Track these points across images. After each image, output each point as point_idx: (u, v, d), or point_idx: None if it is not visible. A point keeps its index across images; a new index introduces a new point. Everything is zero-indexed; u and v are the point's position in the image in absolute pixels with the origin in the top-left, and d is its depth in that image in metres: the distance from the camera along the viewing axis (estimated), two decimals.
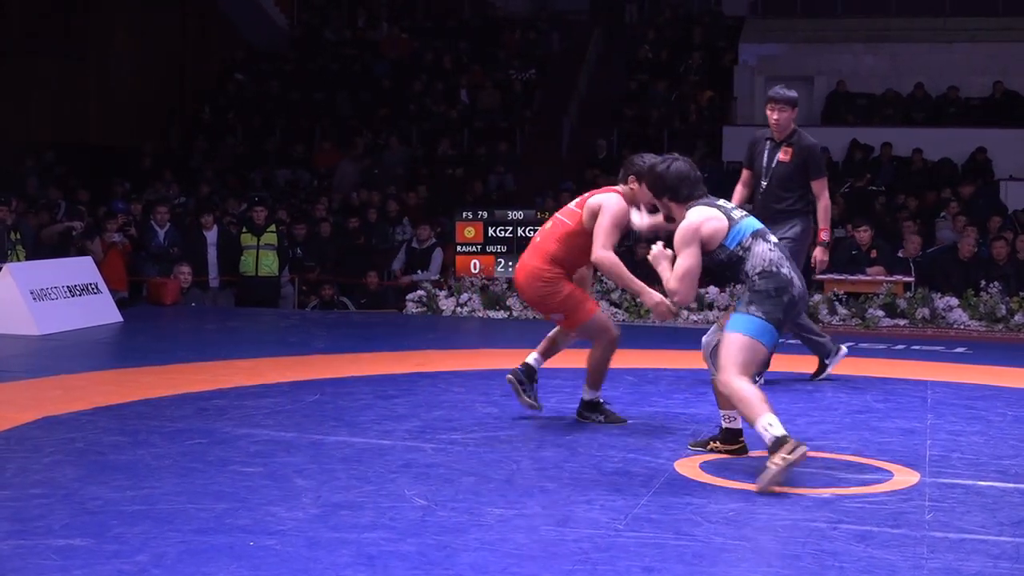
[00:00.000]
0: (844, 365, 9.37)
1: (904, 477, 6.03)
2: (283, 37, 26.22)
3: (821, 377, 9.19)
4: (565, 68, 24.73)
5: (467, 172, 20.98)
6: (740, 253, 6.10)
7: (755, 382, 6.25)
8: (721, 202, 6.30)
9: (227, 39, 25.70)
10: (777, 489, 5.66)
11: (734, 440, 6.51)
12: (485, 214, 14.94)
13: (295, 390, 8.41)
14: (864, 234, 14.36)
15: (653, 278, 6.56)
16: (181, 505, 5.23)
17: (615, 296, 13.69)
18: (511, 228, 14.77)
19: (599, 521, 5.15)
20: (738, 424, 6.46)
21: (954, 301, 13.38)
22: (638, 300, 13.51)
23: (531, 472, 5.98)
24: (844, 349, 9.37)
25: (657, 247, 6.31)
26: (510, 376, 7.40)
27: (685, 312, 13.30)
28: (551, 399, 8.05)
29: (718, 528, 5.08)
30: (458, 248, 14.94)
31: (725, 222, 6.13)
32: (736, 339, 5.98)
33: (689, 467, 6.15)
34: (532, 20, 26.24)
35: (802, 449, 5.68)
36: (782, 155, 8.93)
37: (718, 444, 6.55)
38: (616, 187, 7.21)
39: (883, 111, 22.28)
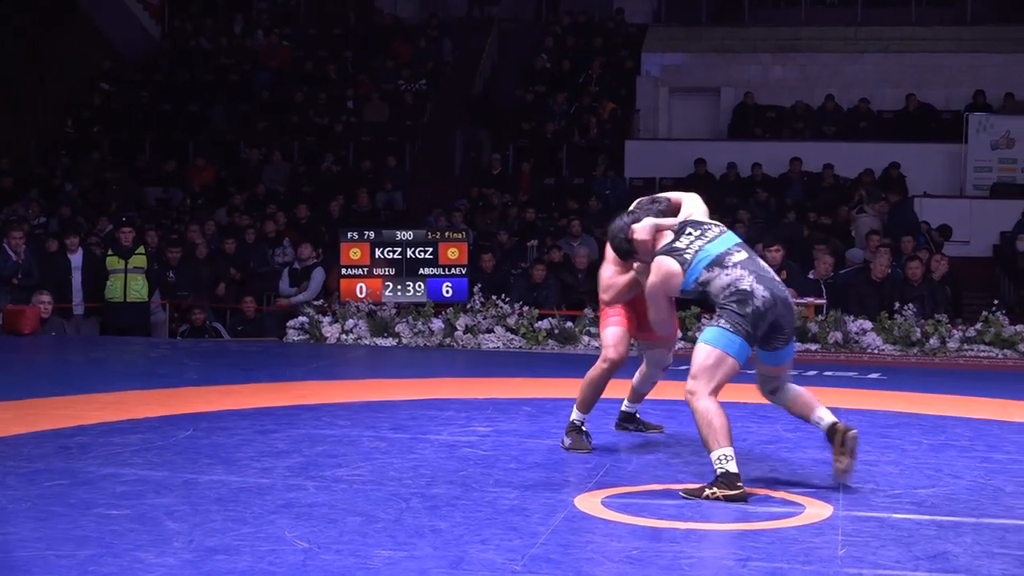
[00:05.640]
0: (752, 393, 9.44)
1: (816, 510, 6.10)
2: (153, 45, 25.97)
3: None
4: (458, 78, 24.80)
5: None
6: (700, 289, 6.57)
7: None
8: (682, 239, 6.62)
9: (92, 47, 25.36)
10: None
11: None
12: (371, 234, 14.87)
13: (166, 425, 8.30)
14: (776, 254, 14.45)
15: (548, 302, 6.62)
16: (40, 552, 5.13)
17: (511, 322, 13.70)
18: (400, 249, 14.72)
19: (495, 563, 5.14)
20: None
21: (867, 324, 13.60)
22: (535, 325, 13.64)
23: (422, 511, 5.95)
24: None
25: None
26: None
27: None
28: (442, 432, 8.05)
29: (621, 568, 5.09)
30: (343, 271, 14.86)
31: (679, 273, 6.57)
32: (704, 350, 6.47)
33: (590, 503, 6.16)
34: (423, 27, 26.25)
35: (742, 496, 6.17)
36: None
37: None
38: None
39: (793, 124, 22.62)
